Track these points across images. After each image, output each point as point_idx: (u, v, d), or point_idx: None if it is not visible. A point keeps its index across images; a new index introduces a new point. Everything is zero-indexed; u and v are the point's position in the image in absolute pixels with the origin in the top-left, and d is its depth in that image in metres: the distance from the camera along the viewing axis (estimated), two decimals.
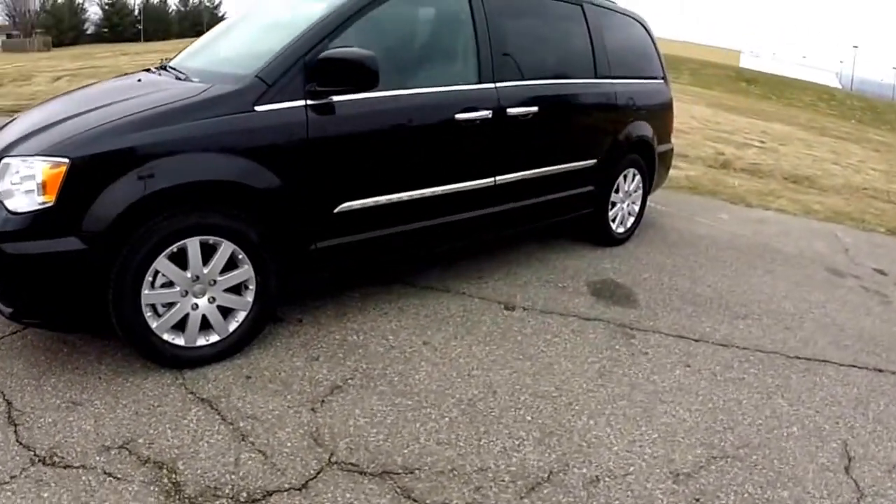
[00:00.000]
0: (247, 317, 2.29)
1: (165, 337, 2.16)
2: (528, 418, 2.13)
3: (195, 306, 2.19)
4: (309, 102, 2.28)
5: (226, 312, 2.27)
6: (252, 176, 2.17)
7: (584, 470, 1.90)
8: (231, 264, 2.23)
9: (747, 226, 4.90)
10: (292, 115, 2.25)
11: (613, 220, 3.90)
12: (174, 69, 2.71)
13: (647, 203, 4.31)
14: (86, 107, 2.22)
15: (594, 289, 3.29)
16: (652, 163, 4.05)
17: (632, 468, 1.93)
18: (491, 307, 2.94)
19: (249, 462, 1.81)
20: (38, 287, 1.98)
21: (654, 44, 4.12)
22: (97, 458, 1.77)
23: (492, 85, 2.85)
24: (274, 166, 2.22)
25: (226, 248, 2.17)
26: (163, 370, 2.20)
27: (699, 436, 2.12)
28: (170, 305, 2.15)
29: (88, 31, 45.24)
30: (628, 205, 3.98)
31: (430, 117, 2.67)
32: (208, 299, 2.21)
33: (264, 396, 2.12)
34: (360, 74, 2.26)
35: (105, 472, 1.73)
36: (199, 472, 1.76)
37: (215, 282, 2.20)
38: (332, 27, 2.39)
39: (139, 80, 2.59)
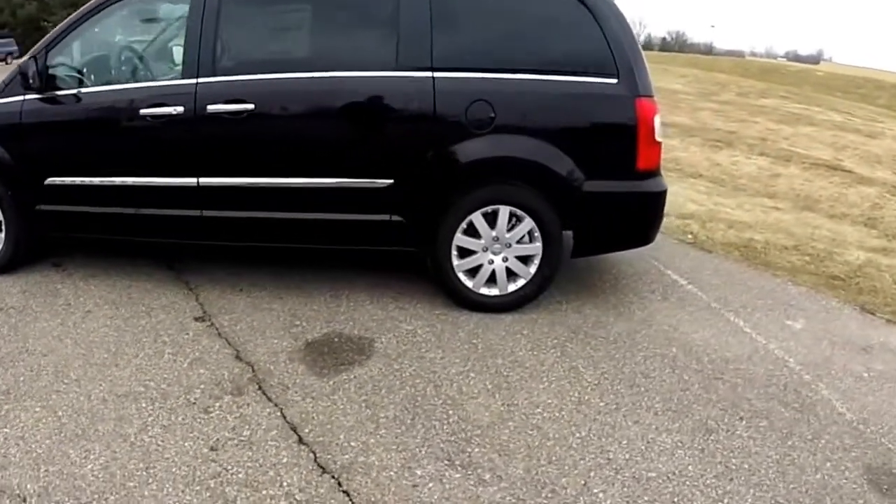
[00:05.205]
0: (3, 249, 3.03)
1: None
2: None
3: None
4: (26, 97, 2.83)
5: None
6: None
7: None
8: None
9: (820, 349, 2.70)
10: (13, 107, 2.85)
11: (472, 274, 2.75)
12: None
13: (680, 284, 3.10)
14: None
15: (325, 340, 2.57)
16: (571, 206, 2.66)
17: None
18: (183, 313, 2.76)
19: None
20: None
21: (603, 24, 2.59)
22: None
23: (192, 80, 2.68)
24: (3, 143, 2.87)
25: None
26: None
27: None
28: None
29: None
30: (505, 258, 2.73)
31: (121, 112, 2.80)
32: None
33: None
34: (24, 77, 2.75)
35: None
36: None
37: None
38: (49, 39, 2.84)
39: None
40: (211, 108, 2.64)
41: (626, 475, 1.86)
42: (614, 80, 2.62)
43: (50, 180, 2.84)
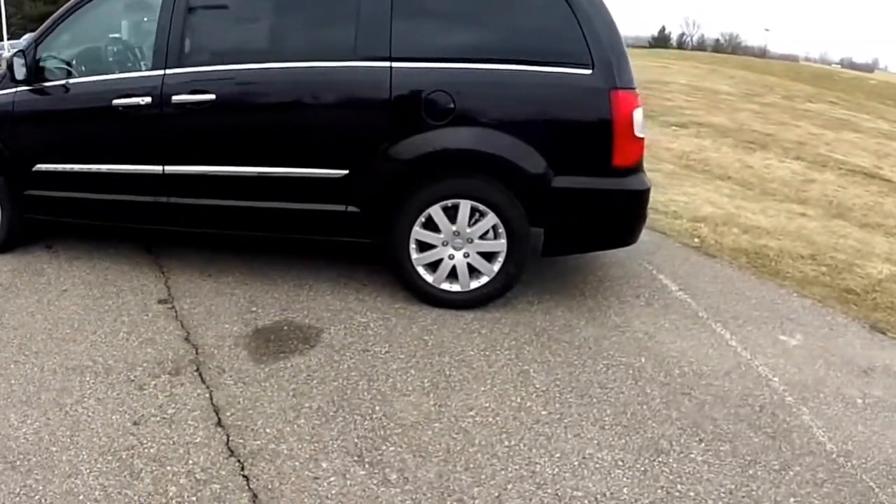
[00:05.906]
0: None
1: None
2: None
3: None
4: (18, 89, 2.94)
5: None
6: None
7: None
8: None
9: (812, 368, 2.44)
10: (7, 98, 2.98)
11: (433, 269, 2.63)
12: None
13: (671, 289, 2.97)
14: None
15: (274, 327, 2.51)
16: (538, 202, 2.51)
17: None
18: (150, 295, 2.79)
19: None
20: None
21: (576, 10, 2.42)
22: None
23: (160, 72, 2.74)
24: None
25: None
26: None
27: None
28: None
29: None
30: (467, 254, 2.59)
31: (95, 102, 2.88)
32: None
33: None
34: (10, 70, 2.86)
35: None
36: None
37: None
38: (39, 34, 2.99)
39: None
40: (175, 98, 2.69)
41: (547, 492, 1.70)
42: (588, 71, 2.45)
43: (37, 167, 2.98)
